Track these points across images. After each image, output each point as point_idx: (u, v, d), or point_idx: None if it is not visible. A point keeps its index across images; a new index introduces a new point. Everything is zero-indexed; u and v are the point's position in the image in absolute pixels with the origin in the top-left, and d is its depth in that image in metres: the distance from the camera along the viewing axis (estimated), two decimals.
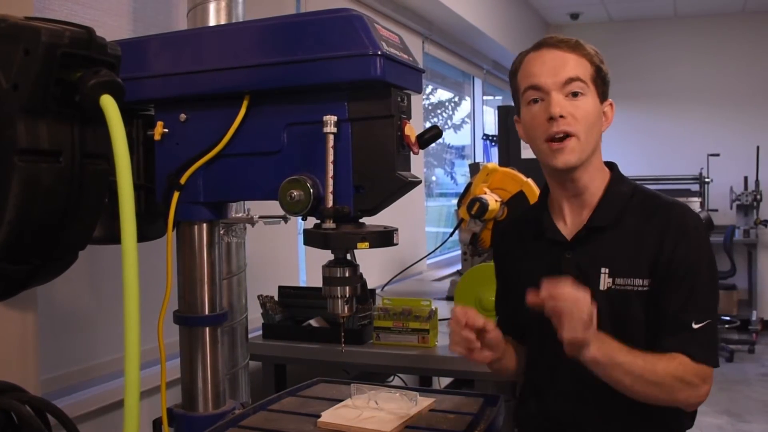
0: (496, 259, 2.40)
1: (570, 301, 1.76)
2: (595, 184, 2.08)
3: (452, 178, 8.28)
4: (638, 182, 2.17)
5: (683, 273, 1.97)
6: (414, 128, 1.77)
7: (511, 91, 2.15)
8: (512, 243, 2.30)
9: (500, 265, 2.37)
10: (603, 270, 2.02)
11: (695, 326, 1.93)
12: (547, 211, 2.17)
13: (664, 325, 1.97)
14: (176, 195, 1.88)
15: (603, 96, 2.06)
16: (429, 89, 7.35)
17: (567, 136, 1.97)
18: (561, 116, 1.96)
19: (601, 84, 2.05)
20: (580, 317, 1.75)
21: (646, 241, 2.00)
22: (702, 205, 8.49)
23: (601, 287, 2.01)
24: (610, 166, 2.15)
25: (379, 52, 1.64)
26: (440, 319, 3.29)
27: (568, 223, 2.11)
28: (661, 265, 1.98)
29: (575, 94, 1.99)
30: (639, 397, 1.90)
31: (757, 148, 8.80)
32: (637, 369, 1.86)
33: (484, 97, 8.71)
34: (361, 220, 1.80)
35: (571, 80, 1.98)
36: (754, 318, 8.94)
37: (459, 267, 4.99)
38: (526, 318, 2.11)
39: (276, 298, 3.50)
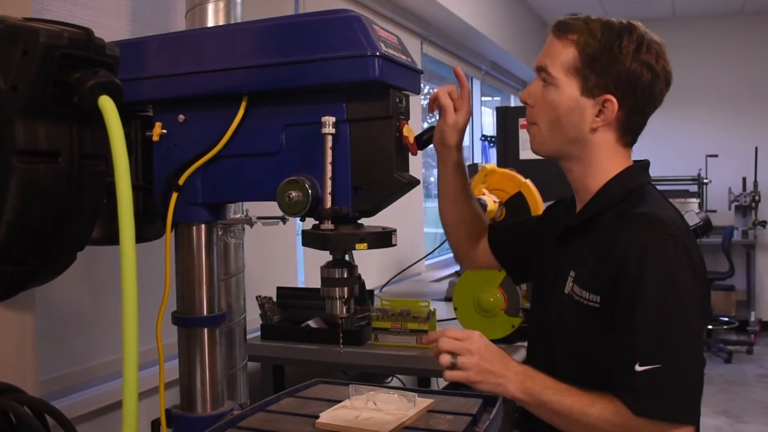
0: (543, 215, 2.32)
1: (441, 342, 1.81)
2: (592, 181, 1.94)
3: None
4: (652, 185, 1.97)
5: (626, 303, 1.72)
6: (412, 129, 1.78)
7: None
8: (555, 219, 2.16)
9: (541, 226, 2.23)
10: (571, 273, 1.89)
11: (638, 369, 1.66)
12: (569, 200, 2.10)
13: (611, 360, 1.75)
14: (174, 196, 1.87)
15: (599, 89, 1.85)
16: (427, 90, 7.35)
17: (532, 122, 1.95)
18: (526, 102, 1.95)
19: (594, 76, 1.84)
20: (447, 360, 1.79)
21: (605, 253, 1.80)
22: (700, 206, 8.51)
23: (566, 290, 1.90)
24: (635, 164, 1.97)
25: (378, 53, 1.64)
26: (439, 320, 3.30)
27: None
28: (609, 284, 1.77)
29: (546, 83, 1.91)
30: None
31: (756, 149, 8.81)
32: (564, 410, 1.72)
33: (483, 98, 8.71)
34: (359, 221, 1.80)
35: (539, 68, 1.92)
36: (752, 319, 8.96)
37: (457, 268, 4.99)
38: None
39: (274, 299, 3.50)
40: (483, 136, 7.36)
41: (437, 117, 2.07)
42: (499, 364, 1.77)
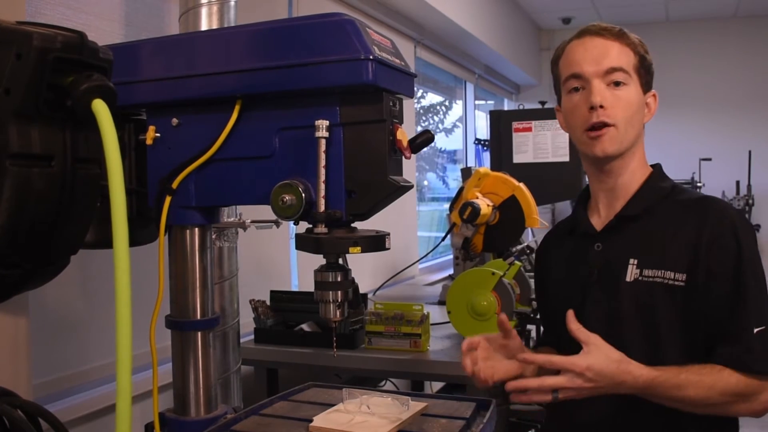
0: (538, 267, 2.35)
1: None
2: (635, 177, 2.05)
3: (444, 182, 8.29)
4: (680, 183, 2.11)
5: (729, 274, 1.88)
6: (406, 132, 1.78)
7: (553, 79, 2.13)
8: (553, 246, 2.27)
9: (542, 273, 2.31)
10: (632, 261, 1.96)
11: (754, 333, 1.84)
12: (583, 205, 2.16)
13: (716, 333, 1.88)
14: (168, 199, 1.87)
15: (647, 86, 2.04)
16: (420, 93, 7.35)
17: (605, 125, 1.95)
18: (601, 106, 1.94)
19: (645, 74, 2.03)
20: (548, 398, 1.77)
21: (683, 234, 1.93)
22: None
23: (628, 278, 1.96)
24: (654, 166, 2.11)
25: (371, 57, 1.64)
26: (432, 324, 3.30)
27: (602, 215, 2.09)
28: (700, 262, 1.89)
29: (617, 84, 1.97)
30: (691, 411, 1.87)
31: (749, 152, 8.81)
32: (687, 401, 1.82)
33: (476, 102, 8.71)
34: (353, 225, 1.80)
35: (613, 70, 1.97)
36: None
37: (451, 271, 5.00)
38: (560, 322, 2.04)
39: (268, 303, 3.50)
40: (476, 139, 7.37)
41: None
42: (610, 385, 1.78)
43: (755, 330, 1.83)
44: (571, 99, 2.01)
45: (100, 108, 1.39)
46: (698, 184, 8.79)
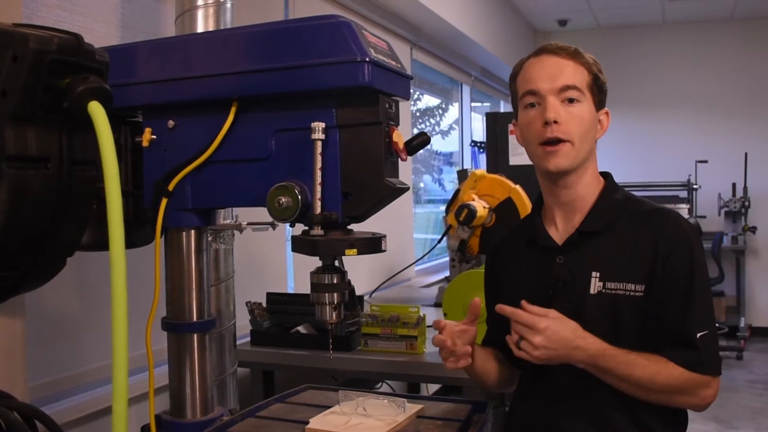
0: (490, 272, 2.40)
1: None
2: (589, 191, 2.11)
3: (440, 184, 8.28)
4: (629, 190, 2.20)
5: (682, 282, 1.98)
6: (402, 135, 1.78)
7: (510, 95, 2.18)
8: (508, 255, 2.30)
9: (495, 279, 2.36)
10: (594, 274, 2.02)
11: (698, 337, 1.95)
12: (539, 218, 2.20)
13: (666, 336, 1.98)
14: (164, 201, 1.87)
15: (599, 104, 2.09)
16: (416, 95, 7.35)
17: (561, 141, 2.00)
18: (555, 121, 1.99)
19: (598, 92, 2.08)
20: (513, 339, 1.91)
21: (641, 247, 2.01)
22: (690, 211, 8.52)
23: (592, 291, 2.02)
24: (605, 175, 2.17)
25: (368, 59, 1.64)
26: (428, 326, 3.29)
27: (560, 228, 2.13)
28: (657, 272, 1.98)
29: (571, 101, 2.02)
30: (640, 399, 1.97)
31: (745, 154, 8.83)
32: (633, 380, 1.91)
33: (472, 104, 8.71)
34: (349, 227, 1.81)
35: (567, 87, 2.01)
36: (742, 325, 8.96)
37: (447, 273, 5.00)
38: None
39: (264, 305, 3.49)
40: (473, 141, 7.36)
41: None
42: (564, 350, 1.89)
43: (698, 334, 1.95)
44: (527, 114, 2.07)
45: (97, 110, 1.39)
46: (694, 186, 8.80)
